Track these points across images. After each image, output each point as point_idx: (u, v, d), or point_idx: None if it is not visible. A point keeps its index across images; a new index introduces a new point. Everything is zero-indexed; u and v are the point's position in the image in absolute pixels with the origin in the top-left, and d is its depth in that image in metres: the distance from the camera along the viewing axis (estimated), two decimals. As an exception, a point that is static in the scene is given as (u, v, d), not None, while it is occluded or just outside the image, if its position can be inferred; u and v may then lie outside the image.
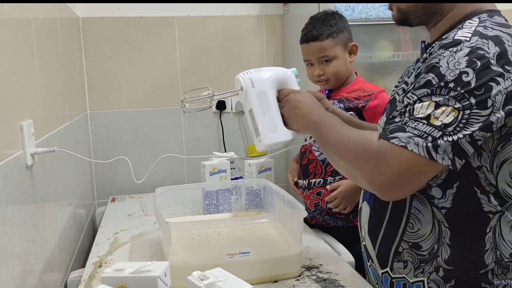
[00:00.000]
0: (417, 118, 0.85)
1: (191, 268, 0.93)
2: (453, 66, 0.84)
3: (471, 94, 0.82)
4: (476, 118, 0.82)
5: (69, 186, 1.55)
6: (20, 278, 0.93)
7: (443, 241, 0.92)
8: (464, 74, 0.82)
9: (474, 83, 0.82)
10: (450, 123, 0.82)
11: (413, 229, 0.94)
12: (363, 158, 0.90)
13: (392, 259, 0.98)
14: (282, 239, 1.27)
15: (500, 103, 0.82)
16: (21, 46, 1.07)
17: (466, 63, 0.83)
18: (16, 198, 0.94)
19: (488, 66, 0.82)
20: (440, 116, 0.83)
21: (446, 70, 0.84)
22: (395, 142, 0.85)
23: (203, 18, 2.22)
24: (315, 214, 1.57)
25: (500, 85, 0.81)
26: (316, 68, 1.51)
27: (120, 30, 2.15)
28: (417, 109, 0.85)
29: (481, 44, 0.84)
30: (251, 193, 1.58)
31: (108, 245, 1.43)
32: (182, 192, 1.55)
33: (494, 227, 0.90)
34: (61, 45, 1.56)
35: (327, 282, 1.15)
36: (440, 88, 0.84)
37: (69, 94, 1.69)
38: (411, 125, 0.85)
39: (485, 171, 0.88)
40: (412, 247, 0.95)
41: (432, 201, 0.92)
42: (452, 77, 0.83)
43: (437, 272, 0.93)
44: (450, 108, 0.82)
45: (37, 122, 1.11)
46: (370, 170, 0.88)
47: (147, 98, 2.22)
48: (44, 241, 1.14)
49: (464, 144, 0.83)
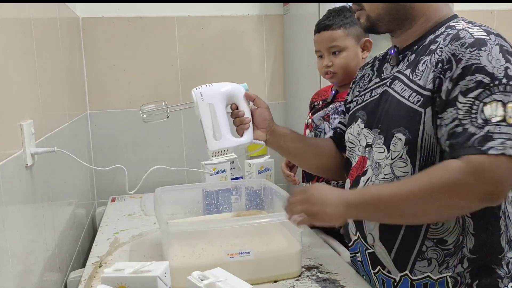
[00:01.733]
0: (494, 123, 0.85)
1: (191, 268, 0.93)
2: (496, 63, 0.87)
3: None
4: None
5: (69, 186, 1.55)
6: (20, 278, 0.93)
7: (467, 231, 0.95)
8: (508, 69, 0.86)
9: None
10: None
11: (437, 225, 0.96)
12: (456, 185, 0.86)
13: (414, 260, 0.98)
14: (282, 239, 1.27)
15: None
16: (21, 46, 1.07)
17: (503, 59, 0.87)
18: (16, 198, 0.94)
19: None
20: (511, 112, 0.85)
21: (493, 68, 0.86)
22: (493, 152, 0.83)
23: (203, 18, 2.22)
24: None
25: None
26: (325, 58, 1.49)
27: (120, 30, 2.14)
28: (487, 112, 0.85)
29: (499, 40, 0.89)
30: (251, 193, 1.58)
31: (108, 245, 1.44)
32: (182, 192, 1.55)
33: (504, 210, 0.96)
34: (61, 45, 1.56)
35: (327, 282, 1.15)
36: (497, 86, 0.85)
37: (69, 94, 1.69)
38: (495, 131, 0.84)
39: None
40: (437, 243, 0.96)
41: None
42: (501, 74, 0.86)
43: (462, 263, 0.95)
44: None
45: (37, 122, 1.11)
46: (474, 188, 0.85)
47: (147, 98, 2.20)
48: (44, 241, 1.14)
49: None
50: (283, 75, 2.34)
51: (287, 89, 2.32)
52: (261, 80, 2.32)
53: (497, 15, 2.47)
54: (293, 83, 2.23)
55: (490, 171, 0.83)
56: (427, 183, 0.88)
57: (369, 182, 1.04)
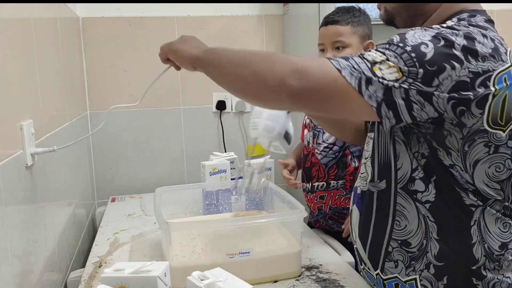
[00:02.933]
0: (364, 58, 0.84)
1: (191, 268, 0.93)
2: (418, 36, 0.84)
3: (422, 65, 0.81)
4: (416, 87, 0.81)
5: (69, 186, 1.55)
6: (20, 278, 0.93)
7: (431, 236, 0.92)
8: (423, 45, 0.82)
9: (430, 56, 0.81)
10: (390, 80, 0.82)
11: (400, 226, 0.95)
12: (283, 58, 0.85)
13: (383, 260, 0.98)
14: (282, 239, 1.27)
15: (446, 88, 0.81)
16: (21, 46, 1.07)
17: (430, 37, 0.83)
18: (16, 198, 0.94)
19: (450, 48, 0.82)
20: (385, 70, 0.82)
21: (411, 37, 0.84)
22: (333, 63, 0.84)
23: (203, 18, 2.22)
24: (318, 218, 1.57)
25: (454, 71, 0.80)
26: (328, 53, 1.48)
27: (120, 30, 2.14)
28: (370, 53, 0.85)
29: (449, 34, 0.84)
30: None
31: (108, 245, 1.44)
32: (182, 192, 1.55)
33: (478, 220, 0.90)
34: (61, 45, 1.56)
35: (327, 282, 1.15)
36: (397, 46, 0.83)
37: (69, 94, 1.69)
38: (355, 60, 0.84)
39: (459, 170, 0.88)
40: (401, 245, 0.95)
41: (415, 197, 0.92)
42: (412, 43, 0.83)
43: (428, 269, 0.93)
44: (397, 68, 0.82)
45: (37, 122, 1.11)
46: (290, 68, 0.83)
47: (147, 98, 2.20)
48: (44, 241, 1.14)
49: (396, 96, 0.82)
50: (283, 75, 2.34)
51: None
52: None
53: (497, 15, 2.47)
54: (293, 83, 2.23)
55: (304, 62, 0.83)
56: (267, 53, 0.92)
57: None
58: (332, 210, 1.53)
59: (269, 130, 1.16)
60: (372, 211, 0.99)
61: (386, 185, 0.96)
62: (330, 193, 1.52)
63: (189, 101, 2.25)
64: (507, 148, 0.88)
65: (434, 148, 0.89)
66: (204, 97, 2.26)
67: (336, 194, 1.51)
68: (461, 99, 0.82)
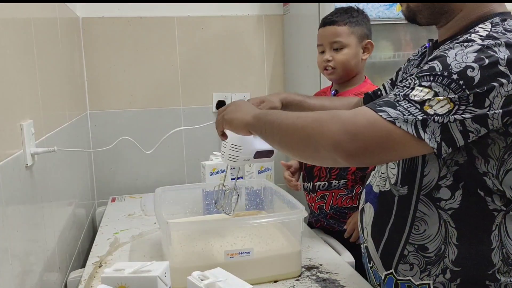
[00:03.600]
0: (411, 100, 0.82)
1: (191, 268, 0.93)
2: (461, 59, 0.82)
3: (471, 90, 0.80)
4: (470, 113, 0.80)
5: (69, 186, 1.55)
6: (20, 278, 0.93)
7: (450, 241, 0.91)
8: (469, 68, 0.80)
9: (478, 80, 0.80)
10: (443, 115, 0.80)
11: (419, 231, 0.94)
12: (331, 121, 0.85)
13: (397, 262, 0.97)
14: (282, 239, 1.27)
15: (498, 104, 0.80)
16: (21, 46, 1.07)
17: (474, 58, 0.81)
18: (16, 198, 0.94)
19: (495, 65, 0.80)
20: (435, 105, 0.81)
21: (453, 61, 0.82)
22: (383, 115, 0.82)
23: (203, 18, 2.22)
24: (319, 218, 1.57)
25: (503, 88, 0.80)
26: (327, 53, 1.50)
27: (120, 30, 2.15)
28: (415, 91, 0.83)
29: (492, 45, 0.82)
30: (251, 193, 1.58)
31: (108, 245, 1.44)
32: (182, 192, 1.55)
33: (499, 224, 0.90)
34: (61, 45, 1.56)
35: (327, 282, 1.15)
36: (443, 76, 0.81)
37: (69, 94, 1.69)
38: (403, 105, 0.82)
39: (491, 177, 0.88)
40: (418, 249, 0.94)
41: (438, 204, 0.91)
42: (457, 69, 0.81)
43: (444, 274, 0.92)
44: (447, 99, 0.80)
45: (37, 122, 1.11)
46: (340, 131, 0.83)
47: (147, 98, 2.22)
48: (44, 241, 1.14)
49: (454, 130, 0.81)
50: (283, 75, 2.34)
51: (287, 89, 2.32)
52: (261, 80, 2.32)
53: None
54: (293, 83, 2.23)
55: (354, 123, 0.82)
56: (312, 115, 0.90)
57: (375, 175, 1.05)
58: (334, 209, 1.53)
59: (233, 158, 1.18)
60: (390, 214, 0.98)
61: (408, 191, 0.95)
62: (332, 192, 1.52)
63: (189, 101, 2.25)
64: None
65: (473, 156, 0.87)
66: (204, 97, 2.26)
67: (337, 194, 1.51)
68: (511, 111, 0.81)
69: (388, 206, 0.98)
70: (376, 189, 1.03)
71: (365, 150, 0.83)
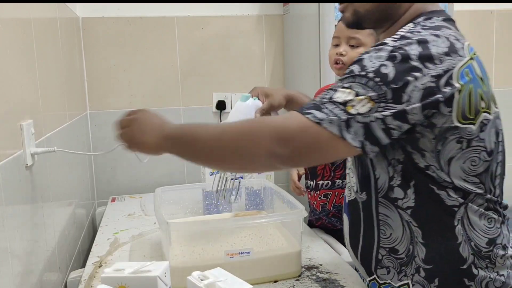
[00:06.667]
0: (335, 102, 0.85)
1: (191, 268, 0.93)
2: (374, 59, 0.85)
3: (388, 85, 0.82)
4: (390, 110, 0.83)
5: (69, 186, 1.55)
6: (20, 278, 0.93)
7: (416, 241, 0.93)
8: (383, 66, 0.83)
9: (392, 76, 0.82)
10: (365, 114, 0.83)
11: (386, 235, 0.96)
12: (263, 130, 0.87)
13: (375, 267, 0.99)
14: (282, 239, 1.27)
15: (417, 98, 0.82)
16: (21, 46, 1.07)
17: (386, 57, 0.84)
18: (16, 198, 0.94)
19: (407, 61, 0.83)
20: (357, 105, 0.83)
21: (368, 61, 0.85)
22: (310, 117, 0.85)
23: (203, 18, 2.22)
24: (321, 216, 1.57)
25: (418, 81, 0.82)
26: (342, 46, 1.46)
27: (120, 30, 2.15)
28: (338, 93, 0.85)
29: (403, 45, 0.85)
30: (251, 193, 1.58)
31: (108, 245, 1.44)
32: (182, 192, 1.55)
33: (461, 219, 0.90)
34: (61, 45, 1.56)
35: (327, 282, 1.15)
36: (361, 76, 0.85)
37: (69, 94, 1.69)
38: (328, 107, 0.85)
39: (435, 170, 0.89)
40: (390, 252, 0.96)
41: (396, 203, 0.93)
42: (373, 68, 0.84)
43: (419, 273, 0.93)
44: (367, 98, 0.83)
45: (37, 122, 1.11)
46: (273, 137, 0.85)
47: (147, 98, 2.22)
48: (44, 241, 1.14)
49: (376, 129, 0.83)
50: (283, 75, 2.34)
51: (287, 89, 2.32)
52: (261, 80, 2.32)
53: (497, 15, 2.47)
54: (293, 83, 2.23)
55: (284, 128, 0.85)
56: (239, 126, 0.91)
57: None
58: (336, 208, 1.53)
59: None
60: (360, 221, 1.00)
61: (367, 196, 0.97)
62: (335, 192, 1.52)
63: (189, 101, 2.25)
64: (479, 141, 0.88)
65: (408, 152, 0.89)
66: (204, 97, 2.26)
67: (340, 193, 1.51)
68: (432, 104, 0.83)
69: (357, 214, 1.01)
70: (346, 199, 1.06)
71: (299, 154, 0.86)
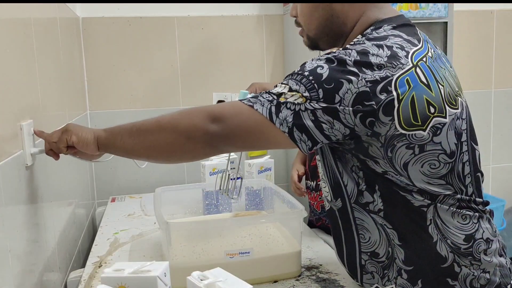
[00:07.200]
0: (270, 92, 0.90)
1: (191, 268, 0.93)
2: (314, 62, 0.89)
3: (321, 86, 0.85)
4: (320, 105, 0.85)
5: (69, 186, 1.55)
6: (20, 278, 0.93)
7: (394, 243, 0.93)
8: (319, 67, 0.87)
9: (326, 76, 0.85)
10: (295, 103, 0.86)
11: (365, 239, 0.96)
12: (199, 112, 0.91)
13: (361, 273, 0.99)
14: (282, 239, 1.27)
15: (349, 101, 0.84)
16: (21, 46, 1.07)
17: (325, 60, 0.88)
18: (16, 198, 0.94)
19: (344, 64, 0.85)
20: (290, 97, 0.87)
21: (308, 64, 0.89)
22: (244, 102, 0.90)
23: (203, 18, 2.22)
24: (321, 216, 1.57)
25: (352, 84, 0.83)
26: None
27: (120, 30, 2.15)
28: (275, 88, 0.90)
29: (343, 54, 0.87)
30: (251, 193, 1.58)
31: (108, 245, 1.44)
32: (182, 192, 1.55)
33: (433, 218, 0.90)
34: (61, 45, 1.56)
35: (327, 282, 1.15)
36: (297, 74, 0.88)
37: (69, 94, 1.69)
38: (263, 95, 0.90)
39: (394, 175, 0.89)
40: (371, 257, 0.96)
41: (368, 208, 0.93)
42: (309, 68, 0.88)
43: (401, 275, 0.94)
44: (299, 94, 0.86)
45: (37, 122, 1.11)
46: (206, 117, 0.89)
47: (147, 98, 2.22)
48: (44, 241, 1.14)
49: (305, 118, 0.85)
50: (283, 75, 2.34)
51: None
52: (261, 80, 2.32)
53: (497, 15, 2.47)
54: (293, 83, 2.23)
55: (219, 109, 0.90)
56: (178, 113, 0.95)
57: None
58: None
59: None
60: (340, 228, 1.01)
61: (342, 203, 0.98)
62: None
63: (189, 101, 2.25)
64: (434, 145, 0.87)
65: (362, 159, 0.90)
66: (204, 97, 2.26)
67: None
68: (366, 110, 0.84)
69: (336, 221, 1.01)
70: (326, 208, 1.06)
71: (232, 132, 0.89)
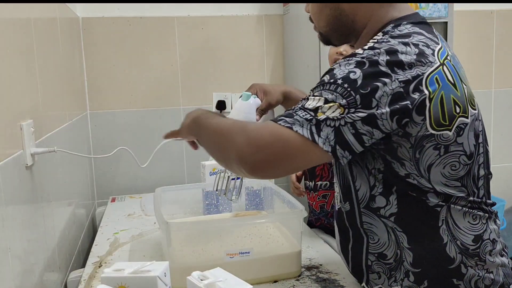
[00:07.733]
0: (306, 109, 0.86)
1: (191, 268, 0.93)
2: (344, 67, 0.87)
3: (357, 92, 0.83)
4: (359, 115, 0.83)
5: (69, 186, 1.55)
6: (20, 278, 0.93)
7: (402, 246, 0.93)
8: (352, 72, 0.85)
9: (360, 81, 0.83)
10: (335, 118, 0.84)
11: (374, 240, 0.96)
12: (237, 133, 0.89)
13: (366, 272, 0.99)
14: (282, 239, 1.27)
15: (385, 104, 0.83)
16: (21, 46, 1.07)
17: (355, 64, 0.85)
18: (16, 198, 0.94)
19: (376, 66, 0.84)
20: (327, 111, 0.84)
21: (338, 70, 0.87)
22: (281, 123, 0.86)
23: (203, 18, 2.23)
24: (320, 216, 1.57)
25: (386, 86, 0.83)
26: (342, 46, 1.42)
27: (120, 30, 2.15)
28: (309, 101, 0.87)
29: (372, 55, 0.86)
30: (251, 193, 1.58)
31: (108, 245, 1.43)
32: (182, 192, 1.55)
33: (445, 219, 0.91)
34: (61, 45, 1.56)
35: (327, 282, 1.15)
36: (330, 84, 0.86)
37: (69, 94, 1.69)
38: (299, 113, 0.86)
39: (416, 177, 0.89)
40: (378, 258, 0.96)
41: (379, 213, 0.93)
42: (341, 75, 0.85)
43: (408, 277, 0.94)
44: (337, 104, 0.84)
45: (37, 122, 1.11)
46: (243, 144, 0.87)
47: (147, 98, 2.22)
48: (44, 241, 1.14)
49: (346, 133, 0.84)
50: (283, 75, 2.34)
51: (287, 89, 2.32)
52: (261, 80, 2.32)
53: (497, 15, 2.47)
54: (293, 83, 2.23)
55: (256, 136, 0.86)
56: (228, 124, 0.94)
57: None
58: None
59: None
60: (348, 229, 1.01)
61: (350, 206, 0.98)
62: (333, 192, 1.51)
63: (189, 101, 2.25)
64: (457, 145, 0.88)
65: (388, 161, 0.90)
66: (204, 97, 2.26)
67: None
68: (401, 110, 0.83)
69: (343, 222, 1.01)
70: (336, 207, 1.07)
71: (268, 162, 0.87)
